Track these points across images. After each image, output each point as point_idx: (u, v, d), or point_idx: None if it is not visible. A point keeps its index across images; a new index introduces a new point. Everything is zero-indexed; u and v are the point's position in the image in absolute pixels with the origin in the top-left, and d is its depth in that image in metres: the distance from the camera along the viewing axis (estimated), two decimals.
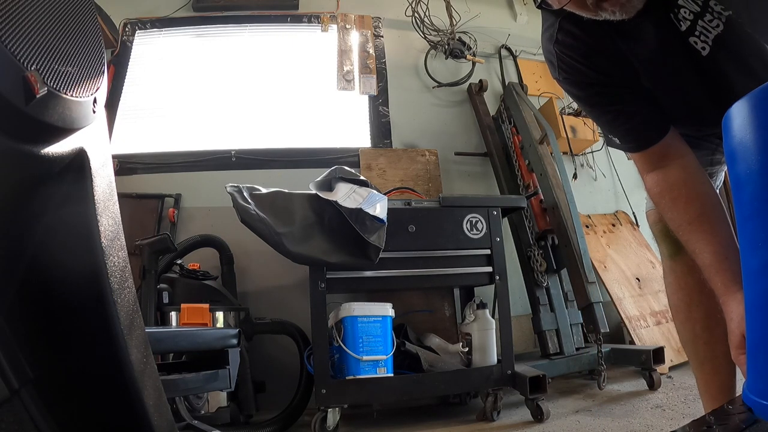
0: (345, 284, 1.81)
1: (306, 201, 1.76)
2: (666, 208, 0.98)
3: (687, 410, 1.57)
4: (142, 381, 0.60)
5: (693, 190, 0.94)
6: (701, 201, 0.92)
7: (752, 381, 0.68)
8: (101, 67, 0.61)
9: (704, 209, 0.91)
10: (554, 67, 1.01)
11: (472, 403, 2.03)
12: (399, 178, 2.65)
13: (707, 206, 0.91)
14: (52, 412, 0.51)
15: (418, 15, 2.84)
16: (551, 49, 0.99)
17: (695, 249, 0.90)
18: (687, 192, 0.94)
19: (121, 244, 0.63)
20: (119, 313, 0.58)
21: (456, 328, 2.21)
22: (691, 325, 1.10)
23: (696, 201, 0.92)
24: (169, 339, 1.16)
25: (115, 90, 2.65)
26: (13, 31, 0.42)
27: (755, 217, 0.63)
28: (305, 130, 2.81)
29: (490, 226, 1.91)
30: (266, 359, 2.20)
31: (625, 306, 2.39)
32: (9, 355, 0.47)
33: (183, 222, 2.47)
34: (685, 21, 0.86)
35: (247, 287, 2.33)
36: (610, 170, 3.08)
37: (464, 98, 3.01)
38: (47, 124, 0.48)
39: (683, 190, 0.94)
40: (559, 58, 0.99)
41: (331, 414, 1.64)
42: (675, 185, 0.95)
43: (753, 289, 0.66)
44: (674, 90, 0.96)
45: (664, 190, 0.97)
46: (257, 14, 2.98)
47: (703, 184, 0.95)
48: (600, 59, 0.96)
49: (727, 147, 0.67)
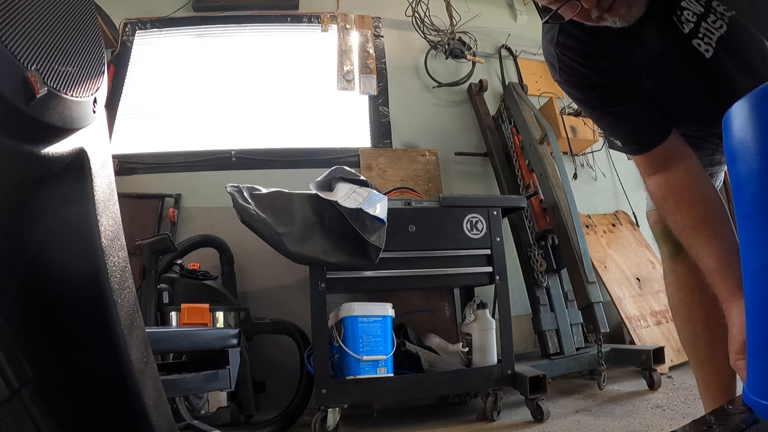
0: (345, 284, 1.81)
1: (306, 201, 1.76)
2: (669, 212, 0.97)
3: (687, 410, 1.57)
4: (142, 381, 0.60)
5: (696, 193, 0.93)
6: (705, 205, 0.92)
7: (752, 381, 0.68)
8: (101, 67, 0.61)
9: (708, 214, 0.90)
10: (555, 69, 1.01)
11: (472, 403, 2.03)
12: (399, 178, 2.65)
13: (711, 211, 0.91)
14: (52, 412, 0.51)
15: (418, 15, 2.84)
16: (552, 51, 0.99)
17: (698, 254, 0.90)
18: (690, 196, 0.93)
19: (121, 244, 0.63)
20: (119, 313, 0.58)
21: (456, 328, 2.21)
22: (691, 326, 1.10)
23: (699, 205, 0.92)
24: (169, 339, 1.16)
25: (115, 90, 2.65)
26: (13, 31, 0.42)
27: (755, 217, 0.63)
28: (305, 130, 2.81)
29: (490, 226, 1.91)
30: (266, 359, 2.20)
31: (625, 306, 2.39)
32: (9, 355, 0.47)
33: (183, 222, 2.47)
34: (688, 23, 0.86)
35: (247, 287, 2.33)
36: (610, 170, 3.08)
37: (464, 98, 3.01)
38: (47, 124, 0.48)
39: (686, 194, 0.93)
40: (560, 60, 0.98)
41: (331, 414, 1.64)
42: (678, 189, 0.94)
43: (753, 290, 0.66)
44: (676, 92, 0.96)
45: (667, 193, 0.96)
46: (257, 14, 2.98)
47: (706, 188, 0.94)
48: (601, 61, 0.95)
49: (727, 147, 0.67)
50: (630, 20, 0.84)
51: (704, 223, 0.90)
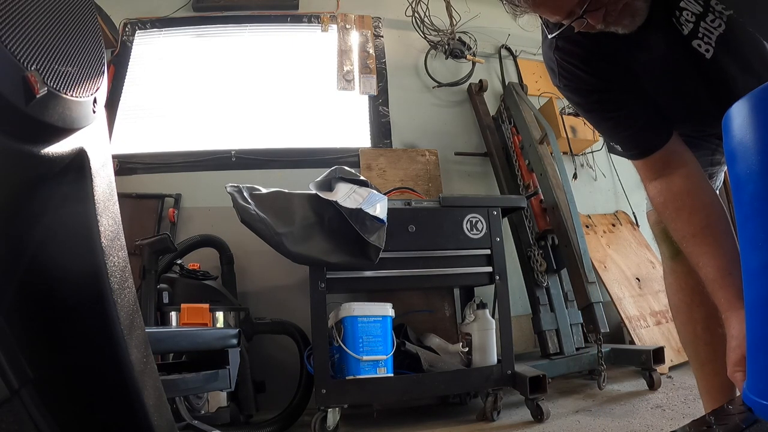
0: (345, 284, 1.81)
1: (306, 201, 1.76)
2: (669, 218, 0.97)
3: (687, 410, 1.57)
4: (142, 381, 0.60)
5: (697, 200, 0.92)
6: (706, 212, 0.91)
7: (752, 381, 0.68)
8: (101, 67, 0.61)
9: (708, 221, 0.90)
10: (554, 73, 1.01)
11: (472, 403, 2.03)
12: (399, 178, 2.65)
13: (712, 218, 0.90)
14: (52, 412, 0.51)
15: (418, 15, 2.84)
16: (552, 56, 0.99)
17: (699, 262, 0.89)
18: (691, 203, 0.92)
19: (121, 244, 0.63)
20: (119, 313, 0.58)
21: (456, 328, 2.21)
22: (692, 326, 1.09)
23: (700, 212, 0.91)
24: (169, 339, 1.16)
25: (115, 90, 2.65)
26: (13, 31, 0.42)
27: (755, 217, 0.63)
28: (305, 130, 2.81)
29: (490, 226, 1.91)
30: (266, 359, 2.20)
31: (625, 306, 2.39)
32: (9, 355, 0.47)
33: (183, 222, 2.47)
34: (688, 24, 0.86)
35: (247, 287, 2.33)
36: (610, 170, 3.08)
37: (464, 98, 3.01)
38: (47, 124, 0.47)
39: (687, 201, 0.93)
40: (560, 65, 0.98)
41: (331, 414, 1.64)
42: (678, 195, 0.94)
43: (753, 289, 0.66)
44: (677, 93, 0.96)
45: (668, 199, 0.96)
46: (257, 14, 2.98)
47: (707, 195, 0.93)
48: (601, 65, 0.95)
49: (727, 147, 0.67)
50: (633, 28, 0.85)
51: (704, 231, 0.89)
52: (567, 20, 0.82)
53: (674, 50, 0.89)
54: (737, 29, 0.84)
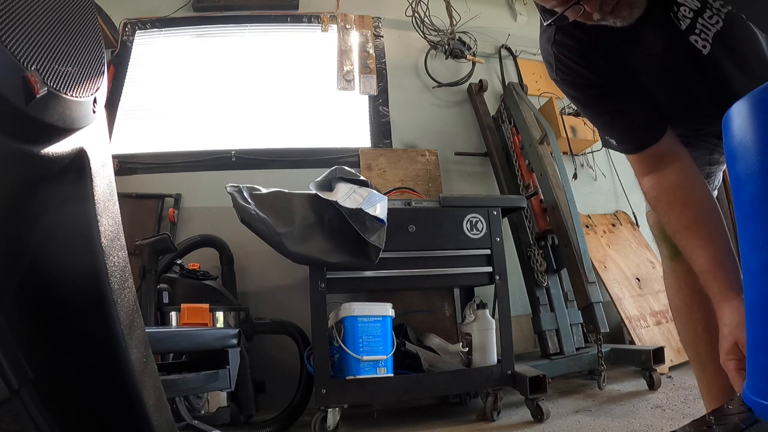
0: (345, 284, 1.81)
1: (306, 201, 1.76)
2: (662, 212, 0.98)
3: (687, 410, 1.57)
4: (142, 381, 0.60)
5: (690, 194, 0.93)
6: (698, 206, 0.92)
7: (752, 381, 0.68)
8: (101, 67, 0.61)
9: (701, 214, 0.91)
10: (552, 67, 1.01)
11: (472, 403, 2.03)
12: (399, 178, 2.65)
13: (704, 211, 0.91)
14: (52, 412, 0.51)
15: (418, 15, 2.84)
16: (549, 50, 0.99)
17: (691, 255, 0.90)
18: (684, 196, 0.93)
19: (121, 244, 0.63)
20: (119, 313, 0.58)
21: (456, 328, 2.21)
22: (692, 327, 1.09)
23: (693, 206, 0.92)
24: (169, 339, 1.16)
25: (115, 90, 2.65)
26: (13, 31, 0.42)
27: (755, 217, 0.63)
28: (305, 130, 2.81)
29: (490, 226, 1.91)
30: (266, 359, 2.20)
31: (625, 306, 2.39)
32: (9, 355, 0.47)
33: (183, 222, 2.47)
34: (685, 19, 0.86)
35: (247, 287, 2.33)
36: (610, 170, 3.09)
37: (464, 98, 3.01)
38: (47, 124, 0.48)
39: (680, 194, 0.94)
40: (557, 59, 0.98)
41: (331, 414, 1.64)
42: (671, 189, 0.95)
43: (753, 289, 0.66)
44: (674, 90, 0.96)
45: (661, 193, 0.97)
46: (257, 14, 2.98)
47: (699, 189, 0.95)
48: (598, 60, 0.95)
49: (727, 147, 0.67)
50: (631, 20, 0.85)
51: (697, 224, 0.90)
52: (563, 6, 0.82)
53: (672, 46, 0.89)
54: (735, 26, 0.84)
